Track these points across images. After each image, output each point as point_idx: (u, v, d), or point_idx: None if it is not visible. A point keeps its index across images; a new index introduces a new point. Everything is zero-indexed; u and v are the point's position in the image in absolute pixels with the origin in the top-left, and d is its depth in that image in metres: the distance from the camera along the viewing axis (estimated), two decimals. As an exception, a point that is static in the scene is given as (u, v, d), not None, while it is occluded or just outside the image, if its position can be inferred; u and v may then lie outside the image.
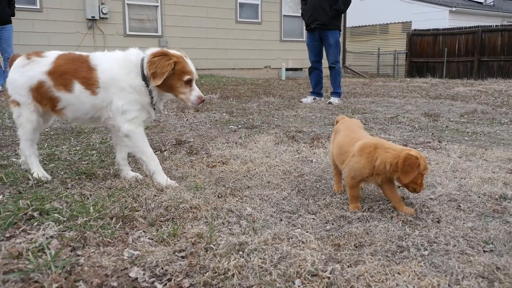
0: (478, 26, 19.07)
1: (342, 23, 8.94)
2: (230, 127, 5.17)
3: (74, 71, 2.84)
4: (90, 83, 2.82)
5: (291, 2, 17.41)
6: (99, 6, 13.37)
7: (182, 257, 1.87)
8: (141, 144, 2.91)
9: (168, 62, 2.75)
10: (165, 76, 2.75)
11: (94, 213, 2.27)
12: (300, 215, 2.42)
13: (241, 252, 1.92)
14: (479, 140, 4.65)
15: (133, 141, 2.88)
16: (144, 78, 2.83)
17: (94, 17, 13.32)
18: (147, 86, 2.84)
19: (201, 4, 15.29)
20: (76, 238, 1.99)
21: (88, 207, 2.35)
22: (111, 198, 2.54)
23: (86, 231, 2.07)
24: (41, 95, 2.90)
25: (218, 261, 1.82)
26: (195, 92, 2.86)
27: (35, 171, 2.97)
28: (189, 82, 2.83)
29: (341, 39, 9.01)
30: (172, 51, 2.84)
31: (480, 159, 3.71)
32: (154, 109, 2.96)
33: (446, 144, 4.29)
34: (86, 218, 2.21)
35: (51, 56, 2.95)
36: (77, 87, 2.83)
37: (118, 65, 2.86)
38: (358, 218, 2.36)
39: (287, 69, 16.54)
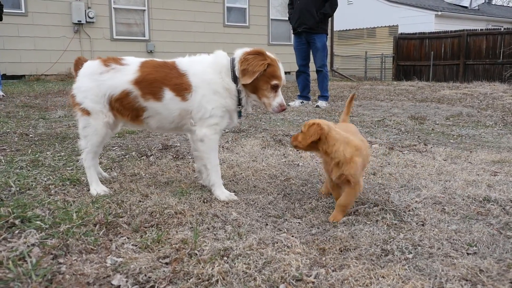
0: (464, 30, 19.30)
1: (329, 27, 8.99)
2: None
3: (163, 78, 2.72)
4: (182, 89, 2.71)
5: (278, 6, 17.47)
6: (85, 10, 13.29)
7: (166, 263, 1.86)
8: (212, 152, 2.79)
9: (262, 62, 2.66)
10: (256, 76, 2.64)
11: (77, 220, 2.24)
12: (286, 220, 2.41)
13: (225, 258, 1.90)
14: (464, 142, 4.69)
15: (205, 147, 2.75)
16: (235, 80, 2.73)
17: (80, 21, 13.23)
18: (237, 86, 2.74)
19: (189, 8, 15.27)
20: (58, 246, 1.96)
21: (71, 214, 2.32)
22: (95, 205, 2.51)
23: (69, 238, 2.04)
24: (124, 106, 2.76)
25: (202, 267, 1.81)
26: (278, 99, 2.74)
27: (93, 188, 2.81)
28: (275, 88, 2.73)
29: (328, 43, 9.05)
30: (268, 53, 2.75)
31: (465, 161, 3.74)
32: (240, 114, 2.87)
33: (431, 147, 4.32)
34: (69, 225, 2.18)
35: (134, 63, 2.78)
36: (168, 94, 2.71)
37: (209, 68, 2.76)
38: (344, 222, 2.36)
39: (275, 73, 16.54)
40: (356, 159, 2.36)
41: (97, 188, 2.81)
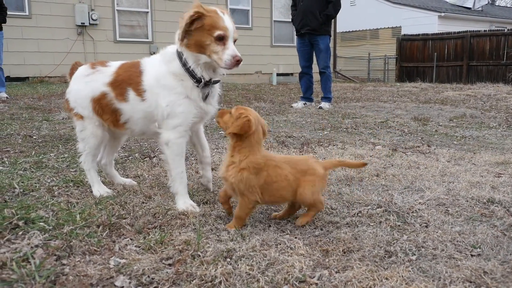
0: (467, 31, 19.29)
1: (332, 28, 9.01)
2: (220, 133, 5.16)
3: (128, 78, 2.62)
4: (141, 88, 2.57)
5: (281, 8, 17.49)
6: (89, 13, 13.33)
7: (169, 264, 1.86)
8: (176, 158, 2.60)
9: (190, 14, 2.40)
10: (187, 28, 2.41)
11: (80, 221, 2.25)
12: (289, 221, 2.41)
13: (228, 259, 1.90)
14: (468, 144, 4.68)
15: (169, 152, 2.57)
16: (183, 64, 2.49)
17: (84, 23, 13.28)
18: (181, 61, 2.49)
19: (192, 10, 15.29)
20: (61, 247, 1.96)
21: (75, 215, 2.32)
22: (98, 206, 2.51)
23: (72, 239, 2.05)
24: (103, 108, 2.69)
25: (205, 268, 1.81)
26: (229, 51, 2.39)
27: (95, 189, 2.80)
28: (221, 39, 2.40)
29: (331, 44, 9.04)
30: (206, 7, 2.46)
31: (468, 163, 3.73)
32: (206, 98, 2.57)
33: (435, 149, 4.31)
34: (72, 226, 2.19)
35: (114, 65, 2.73)
36: (131, 94, 2.60)
37: (157, 61, 2.59)
38: (347, 224, 2.36)
39: (278, 74, 16.59)
40: (247, 174, 2.21)
41: (99, 189, 2.81)
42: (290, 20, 8.62)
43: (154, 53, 15.00)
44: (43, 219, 2.26)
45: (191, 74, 2.49)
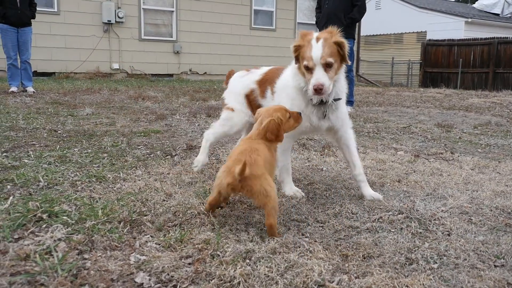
0: (494, 37, 18.92)
1: (356, 32, 8.93)
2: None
3: (271, 79, 3.00)
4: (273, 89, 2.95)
5: (305, 10, 17.44)
6: (115, 10, 13.53)
7: (189, 263, 1.87)
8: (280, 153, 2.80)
9: (292, 45, 2.66)
10: (294, 55, 2.66)
11: (102, 217, 2.28)
12: (309, 224, 2.40)
13: (247, 260, 1.90)
14: (493, 152, 4.59)
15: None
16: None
17: (110, 21, 13.48)
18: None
19: (216, 10, 15.38)
20: (83, 242, 1.99)
21: (97, 211, 2.36)
22: (120, 202, 2.54)
23: (94, 234, 2.08)
24: (251, 103, 3.15)
25: (225, 268, 1.81)
26: (312, 80, 2.53)
27: (199, 157, 3.37)
28: (308, 69, 2.56)
29: (355, 48, 8.98)
30: (306, 36, 2.63)
31: (493, 171, 3.66)
32: (325, 115, 2.76)
33: (458, 156, 4.24)
34: (94, 221, 2.22)
35: (265, 68, 3.17)
36: (268, 93, 3.00)
37: (290, 69, 2.85)
38: (367, 229, 2.34)
39: (300, 77, 16.53)
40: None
41: (200, 158, 3.36)
42: (315, 22, 8.59)
43: (178, 52, 15.19)
44: (66, 213, 2.30)
45: (304, 93, 2.71)
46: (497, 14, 26.47)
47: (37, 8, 9.32)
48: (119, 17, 13.59)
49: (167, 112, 6.77)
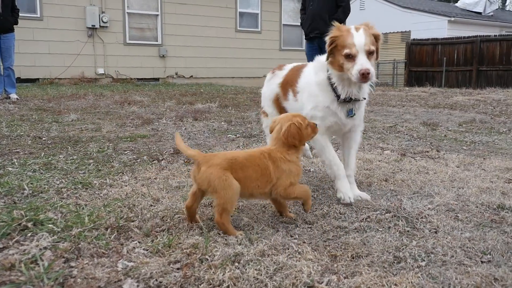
0: (477, 36, 19.17)
1: (341, 33, 8.95)
2: (228, 136, 5.17)
3: (292, 80, 3.00)
4: (295, 91, 2.95)
5: (291, 12, 17.50)
6: (99, 15, 13.44)
7: (177, 268, 1.85)
8: (321, 150, 2.89)
9: (329, 37, 2.65)
10: (329, 49, 2.63)
11: (89, 224, 2.25)
12: (297, 225, 2.40)
13: (236, 264, 1.89)
14: (478, 149, 4.64)
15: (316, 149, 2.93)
16: (329, 78, 2.76)
17: (94, 25, 13.39)
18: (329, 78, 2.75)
19: (201, 13, 15.36)
20: (70, 249, 1.97)
21: (83, 218, 2.33)
22: (107, 208, 2.52)
23: (80, 242, 2.05)
24: (277, 107, 3.20)
25: (213, 272, 1.80)
26: (357, 66, 2.51)
27: None
28: (349, 57, 2.55)
29: (340, 48, 9.00)
30: (344, 27, 2.66)
31: (478, 168, 3.70)
32: (351, 112, 2.78)
33: (444, 154, 4.28)
34: (80, 228, 2.19)
35: (287, 68, 3.17)
36: (290, 95, 3.00)
37: (312, 67, 2.89)
38: (355, 229, 2.34)
39: (286, 78, 16.56)
40: None
41: None
42: (299, 24, 8.61)
43: (163, 56, 15.13)
44: (51, 221, 2.27)
45: (333, 88, 2.73)
46: (479, 13, 26.83)
47: (20, 14, 9.21)
48: (103, 21, 13.50)
49: (154, 116, 6.73)
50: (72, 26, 13.28)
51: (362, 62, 2.50)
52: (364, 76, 2.48)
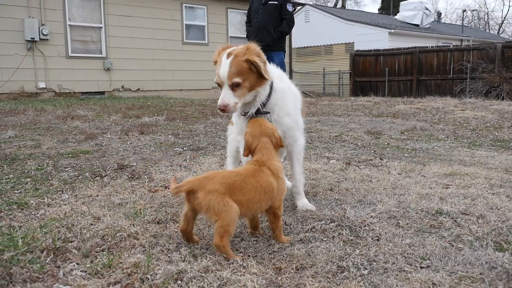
0: (416, 47, 20.06)
1: (287, 44, 9.11)
2: (175, 149, 5.09)
3: None
4: None
5: (237, 24, 17.62)
6: (39, 27, 12.95)
7: (117, 289, 1.78)
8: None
9: (213, 59, 2.77)
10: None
11: (22, 246, 2.13)
12: (243, 239, 2.38)
13: (179, 281, 1.85)
14: (418, 156, 4.81)
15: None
16: None
17: (33, 38, 12.88)
18: None
19: (147, 25, 15.16)
20: (0, 275, 1.85)
21: (17, 240, 2.20)
22: (43, 229, 2.40)
23: (13, 266, 1.93)
24: None
25: (155, 292, 1.74)
26: (219, 100, 2.54)
27: None
28: (219, 86, 2.60)
29: (287, 60, 9.16)
30: (220, 51, 2.69)
31: (418, 175, 3.82)
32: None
33: (387, 161, 4.41)
34: (13, 252, 2.07)
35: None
36: None
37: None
38: (301, 239, 2.35)
39: (234, 90, 16.60)
40: None
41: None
42: (245, 36, 8.68)
43: (109, 68, 14.77)
44: (-19, 246, 2.13)
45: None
46: (417, 25, 28.11)
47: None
48: (43, 34, 13.02)
49: (98, 131, 6.53)
50: (9, 39, 12.71)
51: (222, 97, 2.53)
52: (222, 110, 2.52)
